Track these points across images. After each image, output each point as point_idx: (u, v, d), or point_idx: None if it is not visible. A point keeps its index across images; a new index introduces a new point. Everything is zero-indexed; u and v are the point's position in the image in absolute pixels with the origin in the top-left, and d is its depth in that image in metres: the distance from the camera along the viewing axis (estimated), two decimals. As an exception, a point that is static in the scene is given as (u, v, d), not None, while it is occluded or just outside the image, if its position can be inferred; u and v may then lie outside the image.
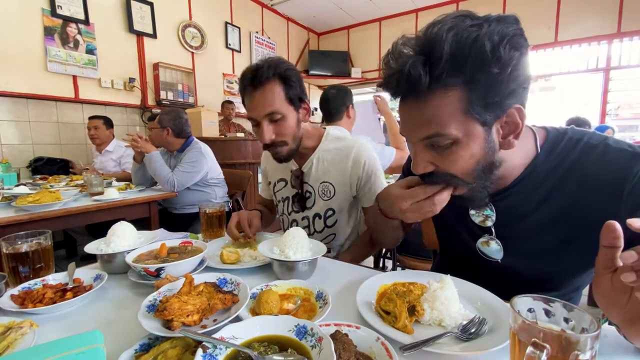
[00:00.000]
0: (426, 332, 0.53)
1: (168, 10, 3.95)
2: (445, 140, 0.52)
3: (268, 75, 0.91)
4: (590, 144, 0.58)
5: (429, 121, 0.52)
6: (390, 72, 0.52)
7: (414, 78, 0.48)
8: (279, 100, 0.94)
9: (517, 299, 0.41)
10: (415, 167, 0.57)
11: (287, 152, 1.01)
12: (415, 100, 0.52)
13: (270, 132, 0.95)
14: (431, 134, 0.52)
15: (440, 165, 0.56)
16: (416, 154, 0.56)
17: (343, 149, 1.08)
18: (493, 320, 0.55)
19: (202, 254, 0.79)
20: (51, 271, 0.77)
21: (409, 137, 0.57)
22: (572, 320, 0.39)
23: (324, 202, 1.09)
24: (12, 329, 0.51)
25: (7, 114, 2.82)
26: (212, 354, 0.41)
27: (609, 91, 4.35)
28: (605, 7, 4.21)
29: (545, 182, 0.60)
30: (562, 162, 0.59)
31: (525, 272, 0.67)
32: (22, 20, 2.83)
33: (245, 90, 0.96)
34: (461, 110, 0.50)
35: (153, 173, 2.07)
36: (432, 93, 0.50)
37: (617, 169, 0.53)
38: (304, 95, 1.00)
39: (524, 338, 0.37)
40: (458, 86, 0.49)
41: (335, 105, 1.91)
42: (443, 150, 0.54)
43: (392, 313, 0.55)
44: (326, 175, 1.08)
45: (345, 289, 0.71)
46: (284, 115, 0.95)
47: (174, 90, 3.99)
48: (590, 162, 0.56)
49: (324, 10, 5.59)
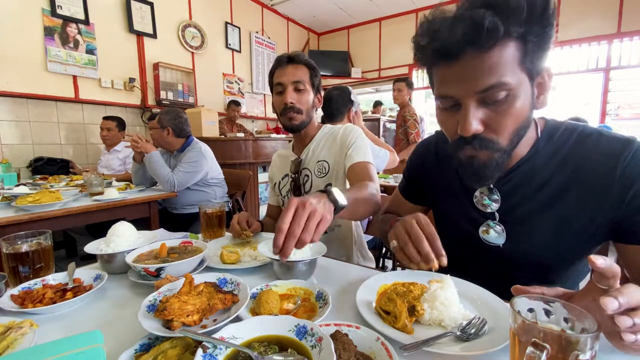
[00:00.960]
0: (426, 332, 0.53)
1: (168, 10, 3.95)
2: (502, 92, 0.53)
3: (301, 60, 1.14)
4: (585, 132, 0.63)
5: (491, 71, 0.52)
6: (451, 27, 0.52)
7: (489, 27, 0.49)
8: (305, 77, 1.14)
9: (517, 299, 0.41)
10: (467, 127, 0.55)
11: (300, 120, 1.14)
12: (477, 52, 0.52)
13: (294, 96, 1.12)
14: (493, 83, 0.52)
15: (491, 123, 0.56)
16: (468, 113, 0.55)
17: (335, 129, 1.21)
18: (493, 320, 0.55)
19: (202, 254, 0.79)
20: (51, 271, 0.77)
21: (465, 94, 0.55)
22: (572, 320, 0.39)
23: (320, 180, 1.15)
24: (12, 329, 0.51)
25: (7, 114, 2.83)
26: (212, 354, 0.41)
27: (609, 91, 4.35)
28: (605, 7, 4.21)
29: (546, 166, 0.64)
30: (561, 148, 0.63)
31: (524, 258, 0.68)
32: (22, 20, 2.83)
33: (279, 64, 1.14)
34: (518, 61, 0.53)
35: (153, 173, 2.07)
36: (496, 44, 0.51)
37: (609, 153, 0.58)
38: (320, 89, 1.21)
39: (524, 338, 0.37)
40: (517, 37, 0.52)
41: (337, 106, 1.93)
42: (497, 106, 0.55)
43: (392, 313, 0.55)
44: (321, 155, 1.18)
45: (345, 289, 0.71)
46: (306, 89, 1.14)
47: (174, 90, 3.99)
48: (586, 148, 0.61)
49: (324, 10, 5.59)
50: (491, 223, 0.70)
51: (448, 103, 0.59)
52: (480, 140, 0.57)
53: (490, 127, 0.56)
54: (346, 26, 6.28)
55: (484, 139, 0.57)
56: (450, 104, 0.59)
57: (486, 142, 0.57)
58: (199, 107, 3.93)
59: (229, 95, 4.84)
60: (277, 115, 1.18)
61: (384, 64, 6.01)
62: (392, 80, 3.61)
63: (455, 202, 0.77)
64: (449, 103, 0.59)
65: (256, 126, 5.31)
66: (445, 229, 0.84)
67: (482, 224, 0.71)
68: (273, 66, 1.17)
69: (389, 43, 5.89)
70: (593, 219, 0.60)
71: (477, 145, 0.58)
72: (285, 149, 1.33)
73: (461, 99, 0.56)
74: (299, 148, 1.24)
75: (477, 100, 0.55)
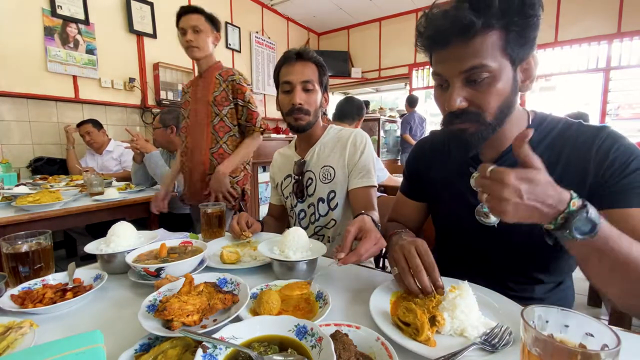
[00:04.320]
0: (448, 343, 0.51)
1: (168, 10, 3.95)
2: (483, 73, 0.61)
3: (310, 57, 1.10)
4: (568, 122, 0.73)
5: (474, 55, 0.61)
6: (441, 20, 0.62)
7: (468, 22, 0.58)
8: (314, 76, 1.10)
9: (529, 308, 0.38)
10: (451, 103, 0.64)
11: (306, 122, 1.11)
12: (462, 41, 0.61)
13: (303, 96, 1.08)
14: (475, 64, 0.61)
15: (474, 100, 0.64)
16: (454, 90, 0.64)
17: (344, 134, 1.18)
18: (512, 327, 0.52)
19: (202, 254, 0.79)
20: (51, 271, 0.77)
21: (452, 73, 0.64)
22: (592, 334, 0.36)
23: (325, 185, 1.14)
24: (12, 329, 0.51)
25: (7, 114, 2.82)
26: (212, 354, 0.41)
27: (609, 91, 4.35)
28: (605, 7, 4.21)
29: (535, 149, 0.72)
30: (548, 135, 0.72)
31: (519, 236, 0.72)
32: (22, 20, 2.83)
33: (287, 60, 1.09)
34: (499, 48, 0.61)
35: (153, 173, 2.07)
36: (478, 34, 0.60)
37: (587, 136, 0.68)
38: (327, 88, 1.18)
39: (536, 352, 0.34)
40: (499, 28, 0.59)
41: (350, 109, 2.17)
42: (479, 86, 0.63)
43: (413, 325, 0.52)
44: (327, 160, 1.15)
45: (345, 288, 0.71)
46: (315, 89, 1.10)
47: (174, 90, 3.98)
48: (569, 134, 0.71)
49: (324, 10, 5.59)
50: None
51: (439, 81, 0.68)
52: (467, 115, 0.65)
53: (474, 104, 0.64)
54: (346, 26, 6.28)
55: (469, 113, 0.65)
56: (441, 82, 0.68)
57: (471, 116, 0.65)
58: (199, 107, 3.92)
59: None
60: (282, 114, 1.14)
61: (384, 64, 6.01)
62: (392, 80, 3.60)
63: (452, 188, 0.82)
64: (440, 81, 0.68)
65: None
66: (443, 219, 0.90)
67: (477, 206, 0.76)
68: (280, 62, 1.11)
69: (389, 43, 5.89)
70: (580, 187, 0.67)
71: (464, 118, 0.66)
72: (287, 147, 1.31)
73: (449, 78, 0.65)
74: (303, 148, 1.21)
75: (462, 80, 0.63)
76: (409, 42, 5.66)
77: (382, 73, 6.05)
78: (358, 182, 1.10)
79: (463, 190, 0.79)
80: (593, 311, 1.92)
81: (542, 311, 0.38)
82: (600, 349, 0.34)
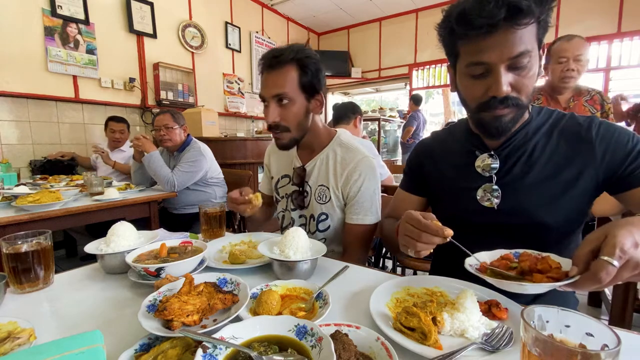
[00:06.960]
0: (448, 343, 0.51)
1: (168, 10, 3.95)
2: (526, 59, 0.64)
3: (286, 59, 0.95)
4: (560, 113, 0.79)
5: (521, 40, 0.63)
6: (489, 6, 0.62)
7: (523, 7, 0.60)
8: (291, 84, 0.96)
9: (529, 308, 0.38)
10: (500, 89, 0.66)
11: (288, 139, 1.02)
12: (511, 26, 0.63)
13: (275, 114, 0.97)
14: (522, 50, 0.64)
15: (516, 85, 0.67)
16: (501, 76, 0.66)
17: (348, 157, 1.05)
18: (514, 328, 0.53)
19: (202, 254, 0.79)
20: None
21: (499, 59, 0.65)
22: (592, 334, 0.36)
23: (318, 205, 1.09)
24: (9, 339, 0.49)
25: (7, 114, 2.82)
26: (212, 354, 0.41)
27: (609, 91, 4.35)
28: (605, 7, 4.21)
29: (535, 135, 0.78)
30: (545, 123, 0.78)
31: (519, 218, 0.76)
32: (22, 20, 2.83)
33: (263, 69, 1.00)
34: (535, 35, 0.66)
35: (153, 173, 2.07)
36: (529, 19, 0.62)
37: (582, 123, 0.75)
38: (319, 87, 1.01)
39: (536, 352, 0.34)
40: (535, 21, 0.64)
41: (344, 111, 2.27)
42: (521, 71, 0.66)
43: (418, 329, 0.52)
44: (325, 179, 1.08)
45: (346, 289, 0.71)
46: (292, 100, 0.97)
47: (174, 90, 3.99)
48: (564, 122, 0.78)
49: (324, 10, 5.59)
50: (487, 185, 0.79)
51: (479, 70, 0.68)
52: (511, 99, 0.68)
53: (515, 89, 0.67)
54: (346, 26, 6.28)
55: (513, 98, 0.68)
56: (481, 71, 0.68)
57: (515, 101, 0.68)
58: (199, 107, 3.93)
59: (229, 95, 4.84)
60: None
61: (384, 64, 6.00)
62: (392, 80, 3.59)
63: (456, 174, 0.85)
64: (479, 70, 0.68)
65: (256, 126, 5.31)
66: (445, 210, 0.90)
67: (479, 188, 0.80)
68: (259, 68, 1.02)
69: (389, 43, 5.90)
70: (581, 172, 0.73)
71: (509, 104, 0.68)
72: None
73: (494, 65, 0.66)
74: (305, 153, 1.13)
75: (506, 67, 0.65)
76: (409, 42, 5.67)
77: (382, 73, 6.05)
78: (352, 219, 1.05)
79: (466, 174, 0.82)
80: (593, 311, 1.93)
81: (542, 311, 0.38)
82: (600, 349, 0.34)
